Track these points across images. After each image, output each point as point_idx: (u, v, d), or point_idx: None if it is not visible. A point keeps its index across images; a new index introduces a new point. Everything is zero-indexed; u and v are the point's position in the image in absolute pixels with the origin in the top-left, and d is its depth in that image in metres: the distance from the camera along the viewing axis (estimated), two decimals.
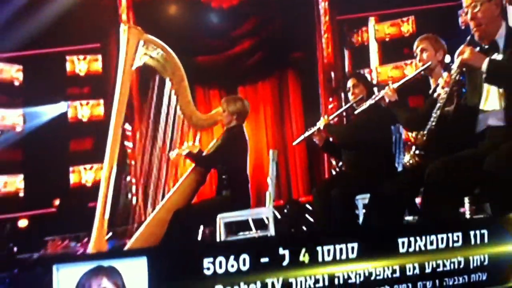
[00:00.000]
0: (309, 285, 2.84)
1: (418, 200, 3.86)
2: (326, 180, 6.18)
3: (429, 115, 3.33)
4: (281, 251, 2.83)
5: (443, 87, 3.17)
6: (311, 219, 7.37)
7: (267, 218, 4.77)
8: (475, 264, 3.02)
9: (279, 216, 5.48)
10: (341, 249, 2.88)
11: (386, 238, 2.98)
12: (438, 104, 3.19)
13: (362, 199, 4.45)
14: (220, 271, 2.75)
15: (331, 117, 4.74)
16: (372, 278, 2.90)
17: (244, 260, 2.78)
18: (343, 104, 9.27)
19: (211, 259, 2.74)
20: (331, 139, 4.98)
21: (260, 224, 5.22)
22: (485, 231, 3.04)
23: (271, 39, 10.42)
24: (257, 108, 10.54)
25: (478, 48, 3.18)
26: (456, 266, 3.00)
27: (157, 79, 4.89)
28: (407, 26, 9.91)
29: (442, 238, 2.99)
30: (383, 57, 10.10)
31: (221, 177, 4.84)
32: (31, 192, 9.73)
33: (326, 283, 2.86)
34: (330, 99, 10.14)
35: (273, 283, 2.80)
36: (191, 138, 5.11)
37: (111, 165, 4.18)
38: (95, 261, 2.67)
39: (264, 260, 2.80)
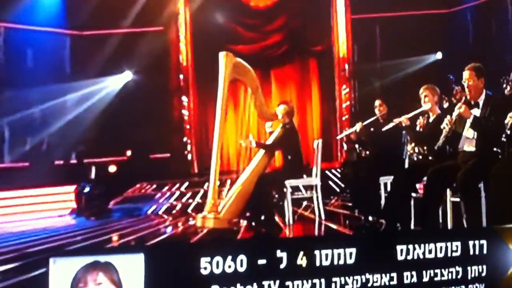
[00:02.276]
0: None
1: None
2: (354, 164, 6.29)
3: (429, 136, 4.11)
4: (278, 253, 2.07)
5: (447, 124, 3.73)
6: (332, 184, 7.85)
7: (313, 186, 5.24)
8: (473, 275, 2.22)
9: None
10: (339, 254, 2.11)
11: (384, 245, 2.18)
12: (444, 133, 3.76)
13: (383, 180, 4.76)
14: (217, 271, 2.02)
15: (364, 123, 5.09)
16: (369, 284, 2.13)
17: (241, 261, 2.03)
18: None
19: (208, 259, 2.01)
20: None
21: (296, 189, 5.60)
22: (484, 242, 2.23)
23: (296, 34, 9.82)
24: (284, 89, 10.15)
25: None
26: (454, 276, 2.20)
27: (242, 88, 5.25)
28: None
29: (441, 247, 2.20)
30: None
31: (287, 157, 5.24)
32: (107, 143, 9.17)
33: (323, 287, 2.09)
34: (344, 86, 9.64)
35: (269, 285, 2.05)
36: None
37: (221, 143, 4.58)
38: (92, 256, 1.96)
39: (262, 261, 2.05)
